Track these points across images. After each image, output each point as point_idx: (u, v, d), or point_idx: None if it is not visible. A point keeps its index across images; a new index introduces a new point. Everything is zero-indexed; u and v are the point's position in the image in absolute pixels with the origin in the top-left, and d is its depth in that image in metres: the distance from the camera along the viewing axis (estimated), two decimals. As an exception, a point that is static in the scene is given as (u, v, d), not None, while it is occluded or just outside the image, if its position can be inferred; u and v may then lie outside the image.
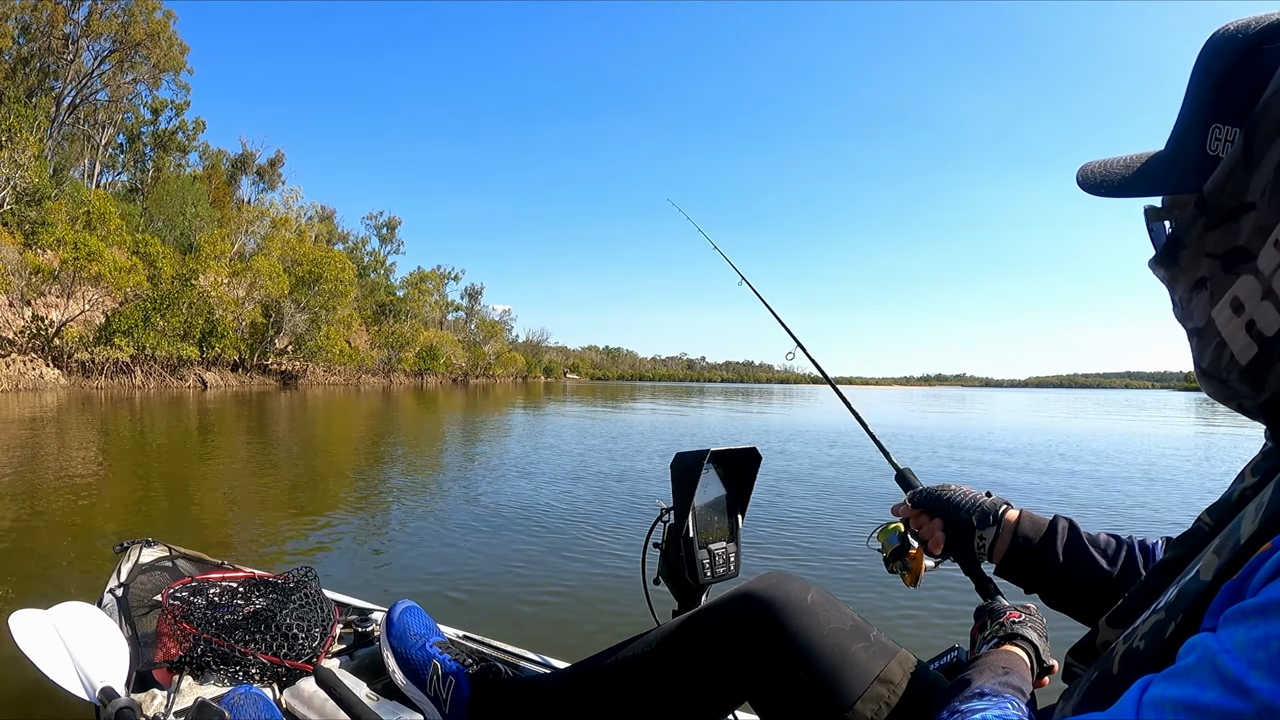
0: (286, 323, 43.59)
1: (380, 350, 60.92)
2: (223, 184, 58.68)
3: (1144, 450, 12.35)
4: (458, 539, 4.82)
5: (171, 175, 50.37)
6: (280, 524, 5.21)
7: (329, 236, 67.47)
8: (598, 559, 4.39)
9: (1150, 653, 0.59)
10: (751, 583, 1.17)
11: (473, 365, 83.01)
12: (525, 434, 13.51)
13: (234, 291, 39.76)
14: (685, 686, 1.14)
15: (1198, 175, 0.64)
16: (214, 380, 36.90)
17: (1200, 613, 0.54)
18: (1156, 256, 0.71)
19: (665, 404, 30.06)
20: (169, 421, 14.66)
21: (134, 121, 50.82)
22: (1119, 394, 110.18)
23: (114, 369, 31.53)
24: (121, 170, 52.54)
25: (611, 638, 1.30)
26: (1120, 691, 0.58)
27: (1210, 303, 0.64)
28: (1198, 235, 0.64)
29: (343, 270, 46.89)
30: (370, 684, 1.62)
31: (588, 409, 23.54)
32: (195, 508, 5.90)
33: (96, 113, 45.40)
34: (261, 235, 49.53)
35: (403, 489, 6.83)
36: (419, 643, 1.48)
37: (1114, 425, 20.50)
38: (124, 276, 30.60)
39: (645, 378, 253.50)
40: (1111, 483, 8.17)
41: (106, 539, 4.57)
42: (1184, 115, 0.67)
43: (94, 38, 41.55)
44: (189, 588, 1.86)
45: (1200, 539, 0.73)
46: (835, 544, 4.84)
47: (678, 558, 1.41)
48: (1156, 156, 0.71)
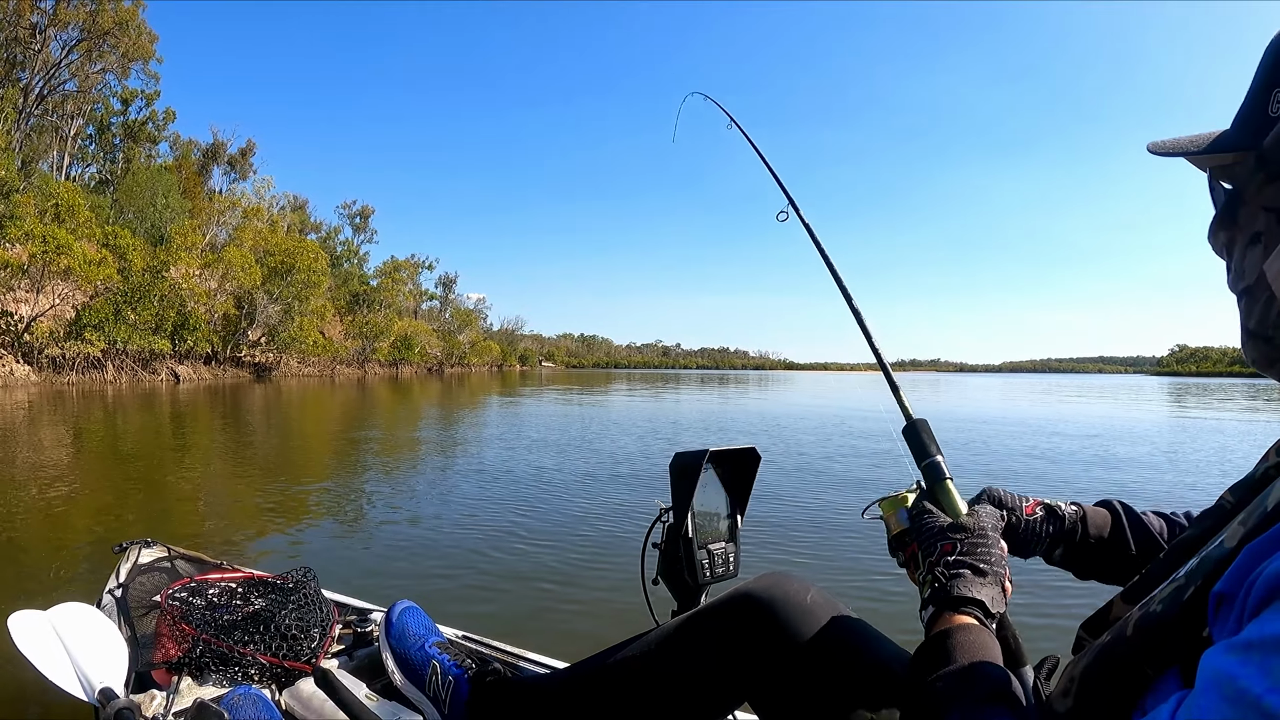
0: (259, 314, 43.08)
1: (354, 341, 60.41)
2: (194, 174, 57.72)
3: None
4: (457, 539, 4.82)
5: (141, 166, 49.40)
6: (276, 524, 5.19)
7: (301, 226, 66.82)
8: (597, 559, 4.40)
9: (1167, 615, 0.60)
10: (750, 583, 1.17)
11: (448, 354, 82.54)
12: (512, 427, 13.44)
13: (206, 283, 39.20)
14: (684, 687, 1.15)
15: (1259, 134, 0.69)
16: (187, 374, 36.43)
17: (1220, 575, 0.55)
18: (1217, 216, 0.75)
19: (643, 392, 29.97)
20: (143, 417, 14.45)
21: (103, 112, 49.75)
22: (1094, 379, 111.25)
23: (85, 364, 30.95)
24: (91, 162, 51.59)
25: (611, 638, 1.30)
26: (1133, 655, 0.61)
27: (1263, 257, 0.67)
28: (1256, 189, 0.68)
29: (316, 260, 46.40)
30: (369, 684, 1.63)
31: (565, 399, 23.45)
32: (184, 506, 5.86)
33: (65, 103, 44.34)
34: (233, 226, 48.81)
35: (401, 489, 6.79)
36: (418, 643, 1.49)
37: (1123, 409, 20.47)
38: (94, 270, 30.04)
39: (621, 365, 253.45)
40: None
41: (82, 540, 4.55)
42: (1252, 87, 0.73)
43: (61, 27, 40.54)
44: (188, 588, 1.86)
45: (1222, 516, 0.76)
46: (835, 543, 4.88)
47: (677, 558, 1.41)
48: (1224, 130, 0.76)
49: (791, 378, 59.76)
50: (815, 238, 1.47)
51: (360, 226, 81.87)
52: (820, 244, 1.46)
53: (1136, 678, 0.61)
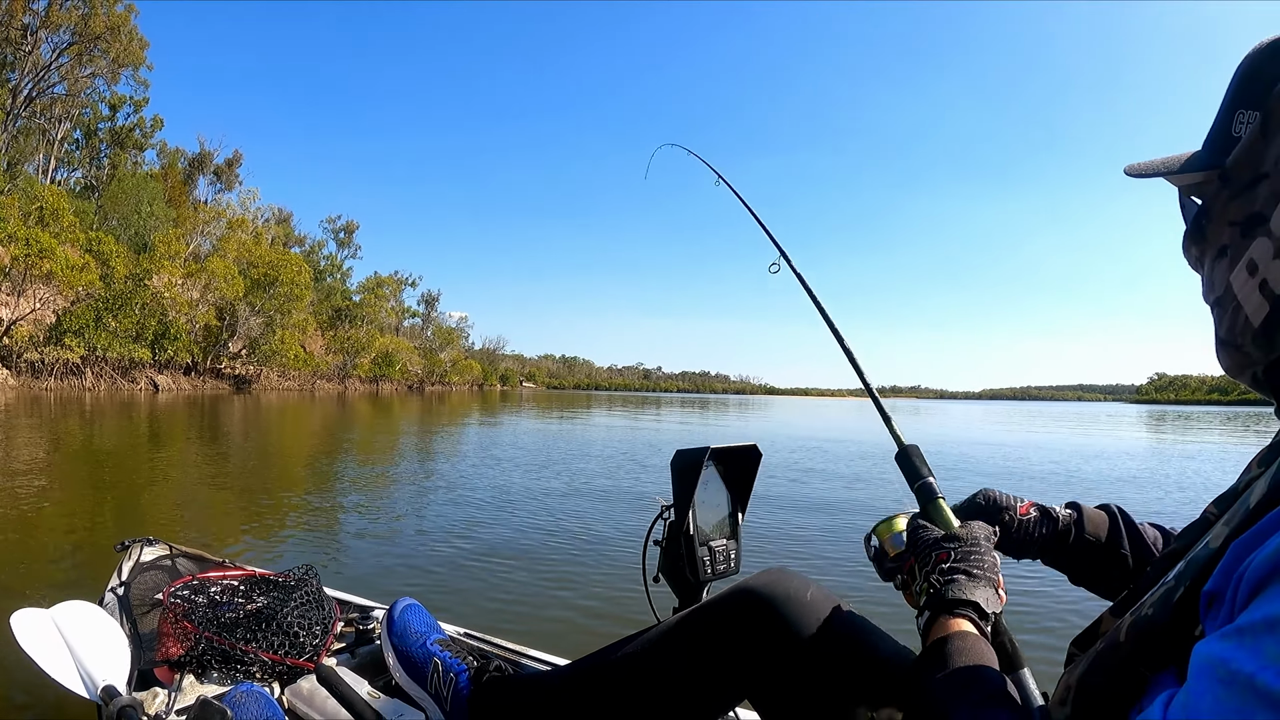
0: (241, 326, 42.85)
1: (336, 356, 60.08)
2: (179, 183, 57.44)
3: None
4: (458, 538, 4.85)
5: (127, 173, 49.16)
6: (277, 524, 5.22)
7: (286, 239, 66.41)
8: (598, 556, 4.45)
9: (1159, 617, 0.62)
10: (751, 579, 1.17)
11: (428, 372, 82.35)
12: (505, 439, 13.46)
13: (188, 293, 38.94)
14: (685, 683, 1.14)
15: (1224, 154, 0.74)
16: (166, 383, 36.10)
17: (1208, 574, 0.56)
18: (1188, 232, 0.79)
19: (624, 417, 29.94)
20: (120, 425, 14.31)
21: (91, 117, 49.62)
22: (1074, 406, 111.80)
23: (64, 370, 30.68)
24: (77, 167, 51.25)
25: (612, 635, 1.30)
26: (1128, 658, 0.62)
27: (1229, 268, 0.71)
28: (1221, 205, 0.72)
29: (299, 274, 46.23)
30: (371, 682, 1.64)
31: (551, 419, 23.40)
32: (185, 506, 5.88)
33: (53, 106, 44.12)
34: (217, 236, 48.56)
35: (400, 491, 6.82)
36: (420, 640, 1.47)
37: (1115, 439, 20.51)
38: (76, 275, 29.84)
39: (601, 387, 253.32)
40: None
41: (82, 539, 4.53)
42: (1219, 110, 0.77)
43: (53, 29, 40.38)
44: (190, 586, 1.87)
45: (1205, 528, 0.77)
46: (835, 543, 4.94)
47: (678, 555, 1.42)
48: (1197, 151, 0.80)
49: (772, 402, 59.70)
50: (808, 287, 1.53)
51: (344, 241, 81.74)
52: (814, 293, 1.51)
53: (1133, 680, 0.62)
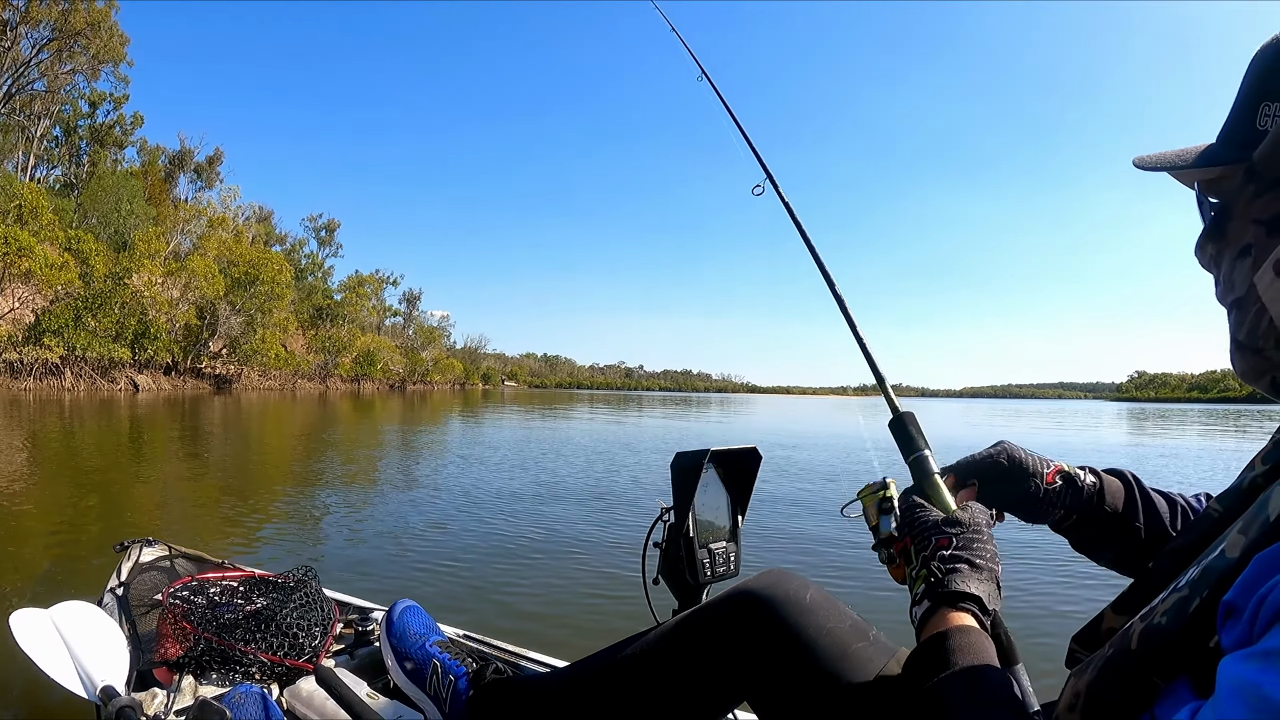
0: (222, 325, 42.53)
1: (316, 355, 59.75)
2: (159, 181, 57.02)
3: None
4: (457, 539, 4.86)
5: (107, 171, 48.69)
6: (277, 524, 5.22)
7: (266, 238, 65.94)
8: (597, 558, 4.46)
9: (1173, 627, 0.60)
10: (750, 581, 1.16)
11: (410, 371, 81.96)
12: (497, 439, 13.45)
13: (168, 292, 38.62)
14: (684, 685, 1.14)
15: (1248, 147, 0.70)
16: (146, 383, 35.76)
17: (1227, 586, 0.55)
18: (1205, 230, 0.76)
19: (605, 414, 29.87)
20: (100, 425, 14.20)
21: (71, 114, 49.13)
22: (1055, 404, 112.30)
23: (43, 370, 30.34)
24: (56, 164, 50.74)
25: (611, 637, 1.29)
26: (1140, 666, 0.61)
27: (1253, 269, 0.68)
28: (1245, 202, 0.69)
29: (280, 272, 46.00)
30: (370, 683, 1.64)
31: (536, 419, 23.36)
32: (184, 507, 5.87)
33: (33, 103, 43.69)
34: (197, 235, 48.16)
35: (399, 493, 6.80)
36: (419, 642, 1.48)
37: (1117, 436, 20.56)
38: (55, 274, 29.52)
39: (583, 386, 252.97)
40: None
41: (82, 539, 4.54)
42: (1236, 103, 0.75)
43: (33, 25, 39.92)
44: (189, 587, 1.87)
45: (1210, 525, 0.76)
46: (835, 543, 4.97)
47: (678, 557, 1.42)
48: (1210, 144, 0.77)
49: (754, 400, 59.72)
50: (793, 214, 1.45)
51: (325, 240, 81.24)
52: (799, 220, 1.44)
53: (1145, 688, 0.61)
